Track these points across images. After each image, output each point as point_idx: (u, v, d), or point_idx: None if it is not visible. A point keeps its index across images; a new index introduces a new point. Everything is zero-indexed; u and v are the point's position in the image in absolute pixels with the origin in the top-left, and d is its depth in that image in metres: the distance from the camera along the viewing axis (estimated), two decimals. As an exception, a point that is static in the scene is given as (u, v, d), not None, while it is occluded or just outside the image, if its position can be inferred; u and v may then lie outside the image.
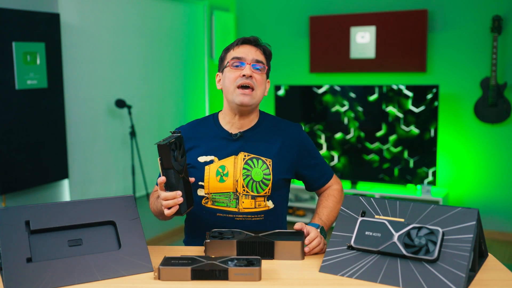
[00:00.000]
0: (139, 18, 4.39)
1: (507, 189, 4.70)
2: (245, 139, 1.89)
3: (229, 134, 1.90)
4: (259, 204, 1.86)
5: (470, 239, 1.42)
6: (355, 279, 1.49)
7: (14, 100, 3.36)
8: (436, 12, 4.81)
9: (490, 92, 4.56)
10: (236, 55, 1.84)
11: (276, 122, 1.96)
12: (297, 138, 1.94)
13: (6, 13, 3.28)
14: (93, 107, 4.01)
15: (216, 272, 1.48)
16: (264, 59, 1.87)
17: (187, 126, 1.98)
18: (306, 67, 5.35)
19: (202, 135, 1.92)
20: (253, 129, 1.91)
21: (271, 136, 1.91)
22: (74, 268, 1.50)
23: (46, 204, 1.59)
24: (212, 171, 1.86)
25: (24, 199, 3.55)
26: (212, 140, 1.90)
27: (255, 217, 1.86)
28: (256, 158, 1.87)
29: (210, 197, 1.87)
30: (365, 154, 4.89)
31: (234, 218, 1.85)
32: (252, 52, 1.85)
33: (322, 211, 1.92)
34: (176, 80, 4.85)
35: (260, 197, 1.86)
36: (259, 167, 1.86)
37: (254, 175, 1.85)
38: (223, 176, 1.85)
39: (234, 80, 1.83)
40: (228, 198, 1.85)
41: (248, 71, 1.81)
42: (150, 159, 4.51)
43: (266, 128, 1.93)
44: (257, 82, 1.83)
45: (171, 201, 1.64)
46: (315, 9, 5.29)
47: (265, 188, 1.86)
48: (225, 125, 1.92)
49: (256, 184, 1.85)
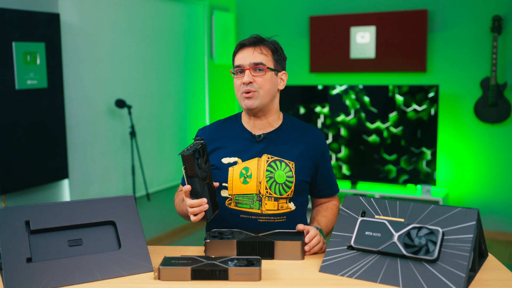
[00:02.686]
0: (139, 18, 4.39)
1: (507, 189, 4.70)
2: (268, 141, 1.91)
3: (253, 135, 1.92)
4: (282, 206, 1.88)
5: (470, 239, 1.42)
6: (355, 279, 1.49)
7: (14, 100, 3.36)
8: (436, 12, 4.81)
9: (490, 92, 4.56)
10: (236, 63, 1.88)
11: (298, 125, 1.99)
12: (318, 143, 1.96)
13: (6, 13, 3.28)
14: (93, 107, 4.01)
15: (216, 272, 1.48)
16: (265, 57, 1.87)
17: (211, 126, 2.01)
18: (306, 67, 5.35)
19: (226, 136, 1.95)
20: (276, 131, 1.93)
21: (294, 138, 1.93)
22: (74, 268, 1.50)
23: (46, 204, 1.59)
24: (236, 173, 1.87)
25: (24, 199, 3.55)
26: (236, 141, 1.93)
27: (277, 218, 1.87)
28: (279, 160, 1.89)
29: (234, 198, 1.88)
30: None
31: (257, 219, 1.86)
32: (250, 56, 1.85)
33: (321, 219, 1.93)
34: (176, 80, 4.85)
35: (282, 199, 1.87)
36: (282, 169, 1.88)
37: (277, 177, 1.87)
38: (247, 177, 1.87)
39: (238, 87, 1.88)
40: (251, 199, 1.87)
41: (246, 78, 1.84)
42: (150, 159, 4.51)
43: (288, 131, 1.95)
44: (259, 84, 1.85)
45: (197, 209, 1.67)
46: (315, 9, 5.29)
47: (287, 191, 1.87)
48: (247, 126, 1.95)
49: (279, 186, 1.87)
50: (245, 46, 1.88)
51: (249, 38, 1.90)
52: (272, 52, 1.90)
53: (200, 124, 5.12)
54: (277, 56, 1.91)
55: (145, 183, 4.29)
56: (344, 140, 4.97)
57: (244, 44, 1.89)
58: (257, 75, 1.85)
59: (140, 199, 4.38)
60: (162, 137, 4.70)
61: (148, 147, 4.49)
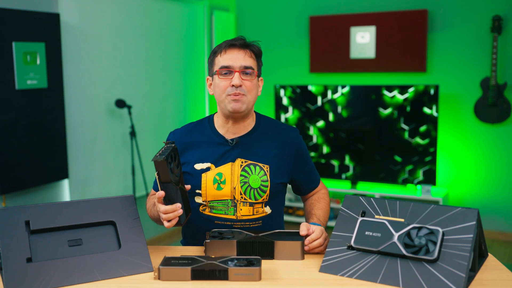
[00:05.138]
0: (139, 18, 4.39)
1: (507, 189, 4.70)
2: (242, 145, 1.86)
3: (225, 140, 1.87)
4: (257, 211, 1.85)
5: (470, 239, 1.42)
6: (355, 279, 1.49)
7: (14, 100, 3.36)
8: (436, 12, 4.81)
9: (490, 92, 4.56)
10: (224, 63, 1.80)
11: (273, 126, 1.93)
12: (294, 142, 1.92)
13: (6, 13, 3.28)
14: (93, 107, 4.01)
15: (216, 272, 1.48)
16: (253, 61, 1.83)
17: (182, 130, 1.95)
18: (306, 67, 5.35)
19: (198, 140, 1.89)
20: (249, 134, 1.88)
21: (268, 140, 1.89)
22: (74, 268, 1.50)
23: (46, 204, 1.59)
24: (209, 179, 1.84)
25: (24, 199, 3.55)
26: (209, 146, 1.87)
27: (253, 223, 1.85)
28: (254, 164, 1.85)
29: (208, 204, 1.85)
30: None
31: (232, 225, 1.84)
32: (240, 58, 1.80)
33: (318, 213, 1.92)
34: (176, 80, 4.85)
35: (258, 203, 1.85)
36: (256, 173, 1.84)
37: (251, 182, 1.83)
38: (221, 183, 1.83)
39: (224, 89, 1.80)
40: (226, 205, 1.84)
41: (237, 81, 1.78)
42: (150, 159, 4.51)
43: (262, 133, 1.90)
44: (247, 88, 1.80)
45: (171, 214, 1.63)
46: (315, 9, 5.29)
47: (263, 195, 1.85)
48: (220, 129, 1.89)
49: (254, 191, 1.84)
50: (234, 47, 1.82)
51: (237, 38, 1.84)
52: (256, 57, 1.86)
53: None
54: (260, 61, 1.88)
55: (145, 183, 4.29)
56: (344, 140, 4.97)
57: (234, 45, 1.82)
58: (246, 79, 1.80)
59: (140, 199, 4.38)
60: (162, 137, 4.70)
61: (148, 147, 4.49)
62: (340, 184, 5.10)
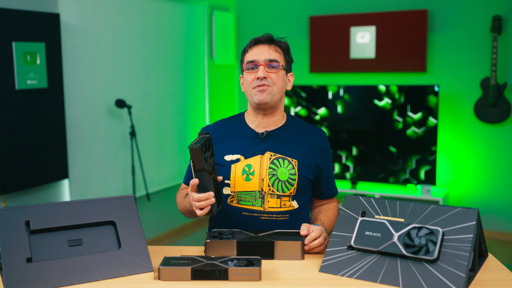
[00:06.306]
0: (139, 18, 4.39)
1: (507, 189, 4.70)
2: (272, 139, 1.91)
3: (256, 133, 1.92)
4: (284, 204, 1.87)
5: (470, 239, 1.42)
6: (355, 279, 1.49)
7: (14, 100, 3.36)
8: (436, 12, 4.81)
9: (490, 92, 4.56)
10: (250, 58, 1.88)
11: (302, 125, 1.99)
12: (322, 143, 1.97)
13: (6, 13, 3.28)
14: (93, 107, 4.01)
15: (216, 272, 1.48)
16: (279, 56, 1.89)
17: (214, 125, 2.01)
18: (306, 67, 5.35)
19: (229, 133, 1.95)
20: (280, 130, 1.93)
21: (297, 138, 1.94)
22: (74, 268, 1.50)
23: (46, 204, 1.59)
24: (239, 170, 1.87)
25: (24, 199, 3.55)
26: (239, 139, 1.93)
27: (280, 216, 1.86)
28: (282, 158, 1.89)
29: (236, 195, 1.88)
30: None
31: (259, 217, 1.85)
32: (265, 52, 1.87)
33: (324, 219, 1.93)
34: (176, 80, 4.85)
35: (285, 196, 1.87)
36: (285, 166, 1.87)
37: (280, 174, 1.86)
38: (249, 174, 1.87)
39: (250, 82, 1.88)
40: (254, 197, 1.86)
41: (261, 73, 1.84)
42: (150, 159, 4.51)
43: (292, 130, 1.95)
44: (273, 80, 1.86)
45: (204, 202, 1.67)
46: (315, 9, 5.29)
47: (290, 188, 1.87)
48: (251, 124, 1.95)
49: (282, 183, 1.86)
50: (260, 43, 1.90)
51: (264, 35, 1.91)
52: (284, 52, 1.92)
53: (200, 124, 5.12)
54: (288, 56, 1.94)
55: (145, 183, 4.29)
56: (344, 140, 4.97)
57: (259, 41, 1.90)
58: (271, 71, 1.86)
59: (140, 199, 4.38)
60: (162, 137, 4.70)
61: (148, 147, 4.49)
62: (340, 184, 5.10)
